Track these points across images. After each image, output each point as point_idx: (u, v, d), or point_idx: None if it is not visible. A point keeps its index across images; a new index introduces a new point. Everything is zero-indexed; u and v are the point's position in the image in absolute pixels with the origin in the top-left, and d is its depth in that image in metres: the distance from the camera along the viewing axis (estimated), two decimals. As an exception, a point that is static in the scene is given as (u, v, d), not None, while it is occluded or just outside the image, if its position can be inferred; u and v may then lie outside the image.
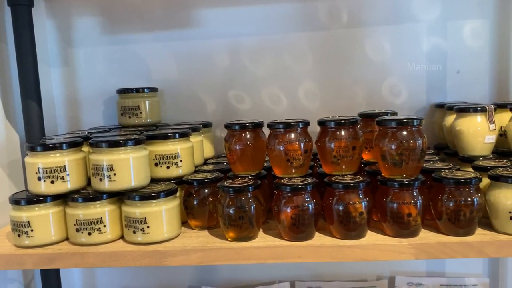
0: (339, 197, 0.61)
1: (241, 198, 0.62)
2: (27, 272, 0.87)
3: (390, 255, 0.59)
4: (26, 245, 0.64)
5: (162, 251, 0.62)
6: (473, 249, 0.58)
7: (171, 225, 0.64)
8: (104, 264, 0.62)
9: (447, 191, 0.60)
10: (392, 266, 0.95)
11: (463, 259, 0.94)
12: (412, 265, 0.95)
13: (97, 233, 0.63)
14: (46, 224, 0.64)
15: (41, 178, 0.63)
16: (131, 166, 0.63)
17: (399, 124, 0.60)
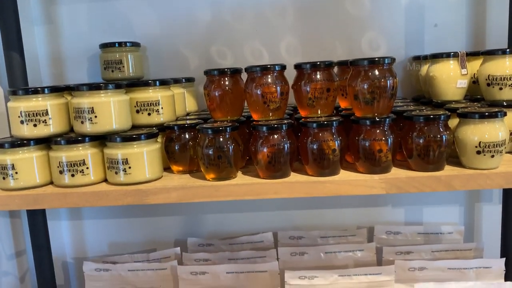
0: (313, 135, 0.63)
1: (219, 139, 0.64)
2: (16, 228, 0.90)
3: (362, 189, 0.62)
4: (11, 187, 0.66)
5: (144, 189, 0.64)
6: (441, 182, 0.61)
7: (153, 167, 0.66)
8: (87, 203, 0.64)
9: (417, 128, 0.62)
10: (372, 217, 0.99)
11: (439, 209, 0.98)
12: (390, 216, 0.99)
13: (80, 175, 0.65)
14: (30, 167, 0.66)
15: (24, 122, 0.65)
16: (112, 109, 0.65)
17: (371, 63, 0.62)
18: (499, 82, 0.69)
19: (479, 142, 0.60)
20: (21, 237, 0.91)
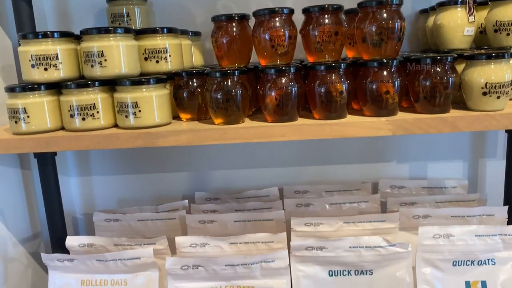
0: (321, 78, 0.63)
1: (227, 82, 0.65)
2: (27, 180, 0.91)
3: (368, 131, 0.63)
4: (23, 131, 0.67)
5: (154, 132, 0.65)
6: (447, 123, 0.62)
7: (162, 112, 0.67)
8: (99, 145, 0.66)
9: (424, 70, 0.63)
10: (376, 173, 1.00)
11: (443, 164, 0.99)
12: (395, 172, 1.00)
13: (90, 118, 0.66)
14: (41, 112, 0.67)
15: (34, 66, 0.65)
16: (121, 53, 0.65)
17: (379, 4, 0.62)
18: (507, 28, 0.69)
19: (485, 83, 0.61)
20: (32, 189, 0.93)
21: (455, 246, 0.70)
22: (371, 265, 0.70)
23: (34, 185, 0.94)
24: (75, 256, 0.71)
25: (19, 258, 0.87)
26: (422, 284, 0.70)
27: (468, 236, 0.70)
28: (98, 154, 1.03)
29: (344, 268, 0.70)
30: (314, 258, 0.70)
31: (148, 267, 0.71)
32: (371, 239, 0.69)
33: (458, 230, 0.70)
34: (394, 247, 0.69)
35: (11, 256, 0.85)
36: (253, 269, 0.68)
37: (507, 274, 0.70)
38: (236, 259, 0.68)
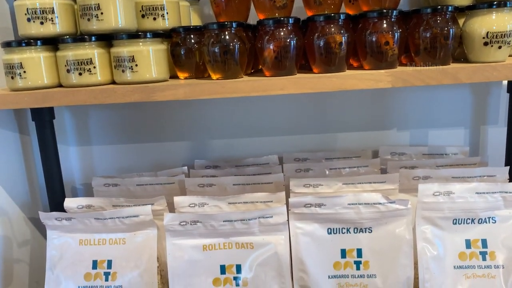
0: (320, 30, 0.63)
1: (225, 35, 0.64)
2: (26, 146, 0.91)
3: (368, 83, 0.62)
4: (20, 87, 0.66)
5: (151, 86, 0.64)
6: (447, 75, 0.61)
7: (159, 67, 0.66)
8: (95, 100, 0.65)
9: (425, 21, 0.62)
10: (377, 140, 0.99)
11: (444, 132, 0.98)
12: (396, 139, 0.99)
13: (87, 74, 0.66)
14: (38, 67, 0.66)
15: (30, 19, 0.65)
16: (117, 6, 0.65)
17: (379, -47, 0.61)
18: (509, -19, 0.67)
19: (486, 33, 0.60)
20: (30, 156, 0.93)
21: (455, 204, 0.69)
22: (370, 223, 0.69)
23: (33, 152, 0.93)
24: (73, 215, 0.71)
25: (18, 223, 0.87)
26: (422, 243, 0.69)
27: (468, 194, 0.69)
28: (98, 123, 1.02)
29: (343, 226, 0.70)
30: (312, 215, 0.69)
31: (146, 225, 0.71)
32: (370, 196, 0.69)
33: (458, 187, 0.69)
34: (394, 204, 0.69)
35: (10, 220, 0.85)
36: (251, 225, 0.68)
37: (508, 232, 0.70)
38: (235, 215, 0.67)
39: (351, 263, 0.70)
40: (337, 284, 0.70)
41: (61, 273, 0.71)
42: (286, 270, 0.67)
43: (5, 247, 0.82)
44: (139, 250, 0.71)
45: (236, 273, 0.68)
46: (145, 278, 0.70)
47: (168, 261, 0.68)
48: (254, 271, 0.68)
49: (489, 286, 0.69)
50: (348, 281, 0.70)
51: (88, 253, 0.72)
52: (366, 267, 0.70)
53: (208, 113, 1.00)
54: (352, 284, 0.70)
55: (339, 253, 0.70)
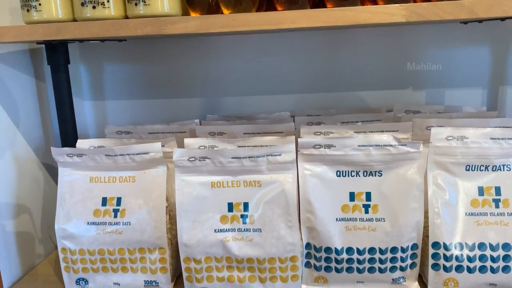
0: (334, -37, 0.62)
1: (238, -32, 0.64)
2: (41, 92, 0.92)
3: (382, 17, 0.61)
4: (35, 20, 0.67)
5: (163, 19, 0.64)
6: (464, 8, 0.59)
7: (172, 1, 0.66)
8: (108, 32, 0.65)
9: (441, -46, 0.60)
10: (392, 100, 0.98)
11: (461, 92, 0.96)
12: (411, 98, 0.98)
13: (101, 7, 0.66)
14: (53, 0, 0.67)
15: (46, -49, 0.65)
16: None
17: None
18: None
19: (506, -35, 0.58)
20: (45, 103, 0.94)
21: (468, 149, 0.68)
22: (380, 166, 0.68)
23: (48, 99, 0.95)
24: (84, 151, 0.72)
25: (32, 167, 0.89)
26: (433, 188, 0.68)
27: (483, 139, 0.68)
28: (112, 78, 1.03)
29: (352, 169, 0.69)
30: (322, 157, 0.69)
31: (156, 163, 0.71)
32: (381, 138, 0.68)
33: (472, 132, 0.68)
34: (405, 147, 0.67)
35: (24, 165, 0.86)
36: (259, 163, 0.67)
37: (523, 180, 0.68)
38: (243, 152, 0.67)
39: (359, 206, 0.69)
40: (345, 227, 0.69)
41: (71, 209, 0.72)
42: (293, 209, 0.67)
43: (18, 191, 0.84)
44: (148, 188, 0.72)
45: (244, 211, 0.68)
46: (153, 215, 0.70)
47: (177, 196, 0.68)
48: (262, 209, 0.68)
49: (502, 233, 0.67)
50: (356, 224, 0.69)
51: (98, 190, 0.73)
52: (374, 211, 0.69)
53: (221, 69, 1.00)
54: (360, 227, 0.69)
55: (348, 196, 0.69)
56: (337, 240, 0.69)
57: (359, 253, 0.69)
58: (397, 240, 0.68)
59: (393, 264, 0.69)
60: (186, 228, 0.68)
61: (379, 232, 0.68)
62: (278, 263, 0.68)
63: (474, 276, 0.67)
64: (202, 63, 1.01)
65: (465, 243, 0.67)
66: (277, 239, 0.67)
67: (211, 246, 0.68)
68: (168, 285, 0.73)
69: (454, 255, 0.67)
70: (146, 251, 0.72)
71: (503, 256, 0.67)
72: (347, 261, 0.69)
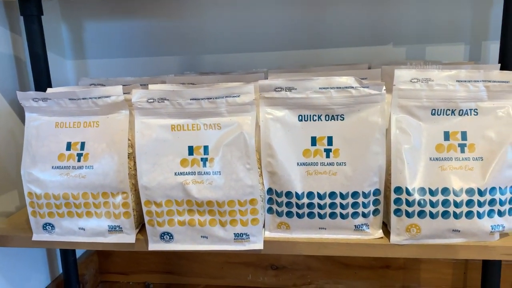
0: None
1: None
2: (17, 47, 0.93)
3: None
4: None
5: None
6: None
7: None
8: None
9: None
10: (371, 56, 0.96)
11: (443, 47, 0.94)
12: (392, 55, 0.96)
13: None
14: None
15: None
16: None
17: None
18: None
19: None
20: (22, 56, 0.94)
21: (433, 92, 0.66)
22: (342, 109, 0.67)
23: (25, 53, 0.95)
24: (48, 95, 0.72)
25: (7, 121, 0.90)
26: (397, 132, 0.66)
27: (448, 81, 0.65)
28: (93, 35, 1.04)
29: (314, 113, 0.68)
30: (283, 100, 0.68)
31: (118, 107, 0.71)
32: (343, 79, 0.66)
33: (437, 74, 0.66)
34: (367, 89, 0.66)
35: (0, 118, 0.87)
36: (218, 105, 0.67)
37: (490, 124, 0.66)
38: (201, 92, 0.66)
39: (321, 151, 0.68)
40: (306, 172, 0.68)
41: (36, 154, 0.73)
42: (252, 151, 0.66)
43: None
44: (111, 132, 0.72)
45: (204, 154, 0.68)
46: (115, 159, 0.71)
47: (136, 138, 0.68)
48: (221, 152, 0.67)
49: (466, 178, 0.65)
50: (317, 169, 0.68)
51: (63, 135, 0.73)
52: (336, 155, 0.68)
53: (200, 26, 1.00)
54: (321, 171, 0.68)
55: (310, 141, 0.68)
56: (298, 184, 0.68)
57: (320, 198, 0.68)
58: (358, 185, 0.67)
59: (355, 209, 0.68)
60: (146, 170, 0.68)
61: (339, 176, 0.67)
62: (237, 206, 0.67)
63: (437, 221, 0.66)
64: (181, 20, 1.00)
65: (428, 188, 0.66)
66: (235, 181, 0.67)
67: (171, 189, 0.68)
68: (131, 230, 0.73)
69: (417, 200, 0.66)
70: (109, 196, 0.72)
71: (467, 201, 0.65)
72: (308, 206, 0.69)
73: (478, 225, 0.66)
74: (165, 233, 0.70)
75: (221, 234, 0.69)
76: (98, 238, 0.74)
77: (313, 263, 1.07)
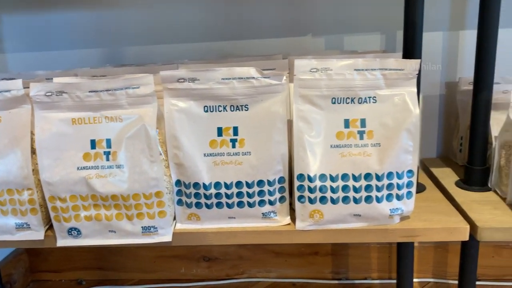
0: None
1: None
2: None
3: None
4: None
5: None
6: None
7: None
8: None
9: None
10: (291, 46, 0.97)
11: (360, 37, 0.96)
12: (311, 45, 0.97)
13: None
14: None
15: None
16: None
17: None
18: None
19: None
20: None
21: (333, 81, 0.67)
22: (246, 100, 0.68)
23: None
24: None
25: None
26: (299, 122, 0.68)
27: (347, 70, 0.67)
28: (11, 29, 1.00)
29: (219, 104, 0.68)
30: (187, 91, 0.67)
31: (20, 102, 0.69)
32: (244, 70, 0.67)
33: (335, 63, 0.67)
34: (268, 79, 0.67)
35: None
36: (118, 97, 0.66)
37: (387, 111, 0.68)
38: (100, 84, 0.65)
39: (227, 141, 0.69)
40: (213, 162, 0.69)
41: None
42: (154, 143, 0.66)
43: None
44: (13, 127, 0.70)
45: (106, 148, 0.67)
46: (18, 155, 0.69)
47: (36, 133, 0.67)
48: (124, 145, 0.67)
49: (364, 164, 0.67)
50: (223, 159, 0.69)
51: (-36, 132, 0.71)
52: (241, 145, 0.68)
53: (120, 18, 0.98)
54: (227, 161, 0.69)
55: (216, 131, 0.69)
56: (205, 175, 0.69)
57: (227, 188, 0.69)
58: (263, 173, 0.68)
59: (261, 197, 0.69)
60: (48, 166, 0.67)
61: (245, 165, 0.68)
62: (143, 199, 0.67)
63: (338, 207, 0.68)
64: (101, 12, 0.98)
65: (329, 175, 0.67)
66: (139, 174, 0.66)
67: (75, 184, 0.67)
68: (40, 227, 0.72)
69: (318, 187, 0.67)
70: (14, 192, 0.70)
71: (365, 186, 0.67)
72: (215, 196, 0.69)
73: (378, 209, 0.68)
74: (72, 228, 0.69)
75: (129, 228, 0.69)
76: (6, 236, 0.72)
77: (245, 252, 1.08)
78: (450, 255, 1.04)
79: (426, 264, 1.06)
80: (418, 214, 0.72)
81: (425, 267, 1.07)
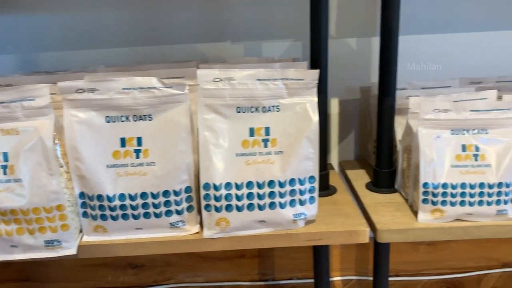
0: None
1: None
2: None
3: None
4: None
5: None
6: None
7: None
8: None
9: None
10: (209, 52, 0.97)
11: (281, 44, 0.97)
12: (230, 52, 0.98)
13: None
14: None
15: None
16: None
17: None
18: None
19: None
20: None
21: (236, 91, 0.68)
22: (149, 110, 0.67)
23: None
24: None
25: None
26: (204, 131, 0.68)
27: (249, 80, 0.68)
28: None
29: (122, 114, 0.67)
30: (87, 102, 0.66)
31: None
32: (145, 80, 0.66)
33: (238, 73, 0.68)
34: (170, 89, 0.67)
35: None
36: (13, 109, 0.64)
37: (290, 119, 0.69)
38: (-6, 97, 0.63)
39: (131, 152, 0.68)
40: (116, 174, 0.68)
41: None
42: (52, 156, 0.65)
43: None
44: None
45: (3, 161, 0.65)
46: None
47: None
48: (21, 158, 0.65)
49: (268, 171, 0.69)
50: (127, 170, 0.68)
51: None
52: (145, 155, 0.68)
53: (37, 23, 0.95)
54: (131, 172, 0.68)
55: (119, 142, 0.68)
56: (108, 187, 0.68)
57: (132, 199, 0.68)
58: (168, 184, 0.68)
59: (168, 208, 0.69)
60: None
61: (149, 176, 0.68)
62: (44, 213, 0.66)
63: (243, 214, 0.69)
64: (16, 15, 0.95)
65: (234, 183, 0.68)
66: (38, 188, 0.65)
67: (-30, 199, 0.64)
68: None
69: (224, 195, 0.68)
70: None
71: (269, 193, 0.69)
72: (120, 208, 0.68)
73: (282, 215, 0.70)
74: (-30, 245, 0.67)
75: (31, 242, 0.67)
76: None
77: (172, 258, 1.08)
78: (371, 253, 1.09)
79: (349, 262, 1.10)
80: (324, 218, 0.74)
81: (348, 265, 1.10)
